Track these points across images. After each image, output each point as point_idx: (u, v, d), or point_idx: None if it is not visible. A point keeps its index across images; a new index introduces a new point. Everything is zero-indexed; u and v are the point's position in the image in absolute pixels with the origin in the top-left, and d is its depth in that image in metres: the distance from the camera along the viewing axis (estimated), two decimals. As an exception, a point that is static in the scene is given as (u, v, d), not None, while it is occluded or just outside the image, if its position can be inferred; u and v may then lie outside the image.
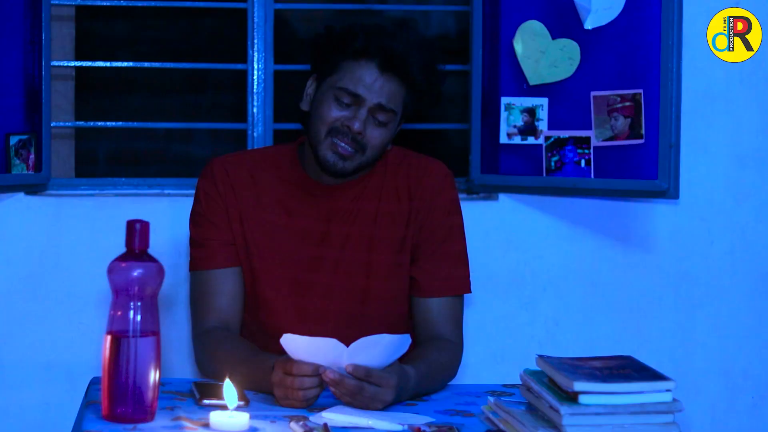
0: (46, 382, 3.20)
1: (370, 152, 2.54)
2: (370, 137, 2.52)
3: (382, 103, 2.51)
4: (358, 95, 2.50)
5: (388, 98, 2.51)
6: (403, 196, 2.63)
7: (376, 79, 2.51)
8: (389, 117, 2.52)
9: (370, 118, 2.51)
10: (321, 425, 2.11)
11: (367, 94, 2.50)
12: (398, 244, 2.62)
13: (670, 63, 3.10)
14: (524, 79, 3.23)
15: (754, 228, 3.35)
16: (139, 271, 2.11)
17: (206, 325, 2.60)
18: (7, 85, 3.09)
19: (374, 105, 2.50)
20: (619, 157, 3.16)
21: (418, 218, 2.62)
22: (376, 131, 2.52)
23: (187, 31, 5.29)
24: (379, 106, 2.51)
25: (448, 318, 2.63)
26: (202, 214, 2.62)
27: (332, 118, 2.51)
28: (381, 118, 2.52)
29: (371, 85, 2.50)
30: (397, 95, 2.52)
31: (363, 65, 2.51)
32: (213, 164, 2.65)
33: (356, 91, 2.50)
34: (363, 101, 2.50)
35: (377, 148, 2.54)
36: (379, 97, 2.50)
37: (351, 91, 2.50)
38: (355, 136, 2.50)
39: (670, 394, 2.03)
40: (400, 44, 2.51)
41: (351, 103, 2.51)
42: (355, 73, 2.51)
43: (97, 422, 2.12)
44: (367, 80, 2.51)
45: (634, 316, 3.36)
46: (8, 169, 3.10)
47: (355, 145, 2.51)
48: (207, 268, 2.62)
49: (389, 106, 2.51)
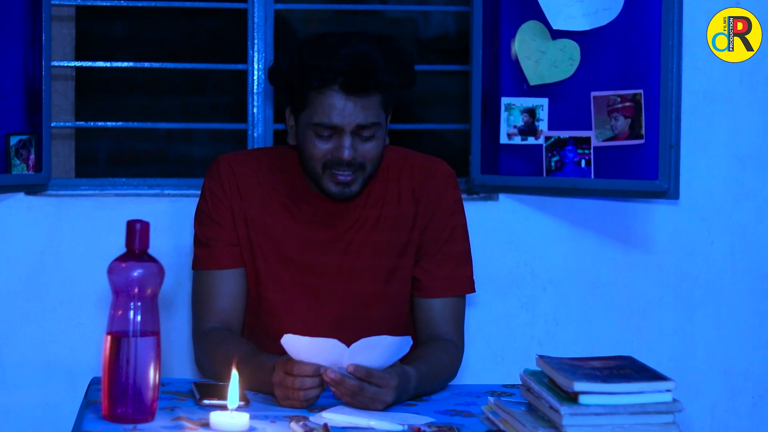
0: (46, 382, 3.20)
1: (370, 166, 2.53)
2: (364, 154, 2.50)
3: (360, 123, 2.48)
4: (335, 126, 2.47)
5: (365, 115, 2.48)
6: (407, 200, 2.62)
7: (345, 102, 2.47)
8: (374, 129, 2.50)
9: (355, 138, 2.49)
10: (321, 425, 2.11)
11: (342, 121, 2.47)
12: (402, 247, 2.61)
13: (670, 63, 3.10)
14: (524, 80, 3.23)
15: (754, 228, 3.35)
16: (139, 272, 2.11)
17: (207, 326, 2.60)
18: (7, 85, 3.08)
19: (354, 128, 2.48)
20: (619, 158, 3.16)
21: (423, 220, 2.62)
22: (368, 145, 2.51)
23: (187, 31, 5.29)
24: (358, 127, 2.48)
25: (450, 318, 2.63)
26: (207, 214, 2.62)
27: (321, 155, 2.49)
28: (366, 134, 2.49)
29: (343, 111, 2.47)
30: (372, 106, 2.49)
31: (328, 94, 2.47)
32: (219, 163, 2.65)
33: (331, 123, 2.47)
34: (342, 129, 2.48)
35: (375, 160, 2.53)
36: (356, 119, 2.47)
37: (326, 124, 2.47)
38: (349, 161, 2.49)
39: (670, 395, 2.03)
40: (354, 60, 2.46)
41: (332, 134, 2.48)
42: (324, 105, 2.47)
43: (97, 422, 2.12)
44: (338, 107, 2.47)
45: (634, 316, 3.35)
46: (8, 170, 3.10)
47: (353, 168, 2.50)
48: (210, 268, 2.61)
49: (369, 122, 2.48)
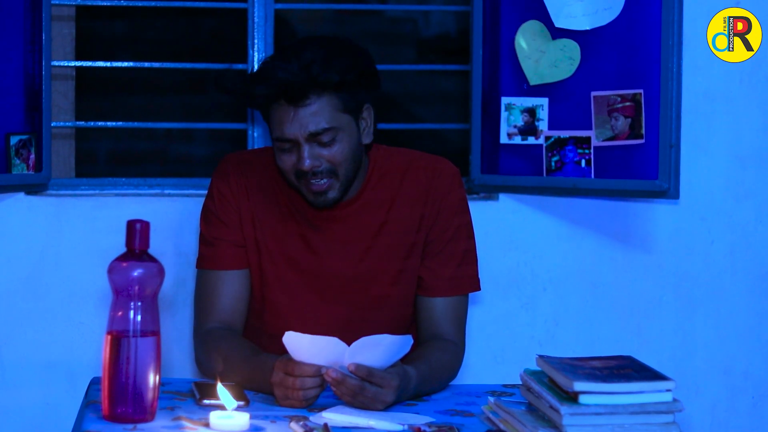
0: (46, 382, 3.20)
1: (342, 169, 2.48)
2: (330, 159, 2.46)
3: (311, 131, 2.44)
4: (288, 139, 2.45)
5: (316, 122, 2.44)
6: (414, 202, 2.61)
7: (294, 114, 2.44)
8: (330, 134, 2.45)
9: (314, 146, 2.45)
10: (321, 425, 2.11)
11: (293, 133, 2.44)
12: (407, 250, 2.61)
13: (670, 63, 3.10)
14: (524, 79, 3.23)
15: (754, 228, 3.35)
16: (139, 271, 2.11)
17: (208, 325, 2.60)
18: (7, 85, 3.08)
19: (307, 136, 2.45)
20: (619, 157, 3.16)
21: (429, 220, 2.61)
22: (332, 150, 2.46)
23: (187, 31, 5.29)
24: (311, 135, 2.45)
25: (452, 318, 2.62)
26: (214, 212, 2.62)
27: (289, 167, 2.48)
28: (325, 139, 2.45)
29: (292, 123, 2.44)
30: (322, 112, 2.45)
31: (276, 108, 2.46)
32: (228, 162, 2.64)
33: (284, 136, 2.45)
34: (296, 140, 2.45)
35: (346, 162, 2.48)
36: (305, 128, 2.44)
37: (281, 138, 2.46)
38: (315, 171, 2.46)
39: (670, 394, 2.03)
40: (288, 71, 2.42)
41: (291, 146, 2.47)
42: (276, 119, 2.47)
43: (97, 422, 2.12)
44: (287, 119, 2.44)
45: (634, 316, 3.35)
46: (8, 169, 3.10)
47: (324, 176, 2.47)
48: (214, 268, 2.61)
49: (320, 128, 2.44)
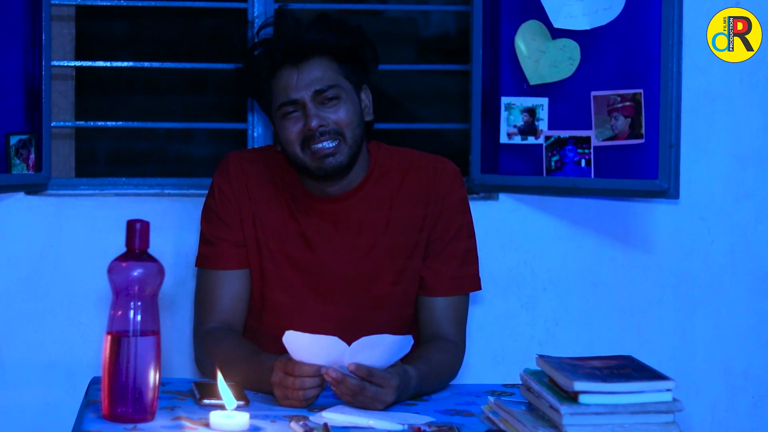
0: (46, 382, 3.20)
1: (348, 132, 2.53)
2: (336, 120, 2.52)
3: (315, 89, 2.52)
4: (294, 100, 2.52)
5: (319, 80, 2.52)
6: (416, 201, 2.61)
7: (297, 75, 2.52)
8: (335, 91, 2.53)
9: (319, 107, 2.52)
10: (321, 425, 2.11)
11: (298, 93, 2.52)
12: (410, 250, 2.61)
13: (670, 63, 3.10)
14: (524, 79, 3.23)
15: (754, 228, 3.35)
16: (139, 271, 2.11)
17: (208, 325, 2.60)
18: (7, 85, 3.08)
19: (312, 95, 2.51)
20: (619, 157, 3.16)
21: (431, 220, 2.61)
22: (339, 112, 2.53)
23: (187, 31, 5.28)
24: (316, 93, 2.52)
25: (452, 318, 2.62)
26: (215, 211, 2.62)
27: (295, 136, 2.52)
28: (329, 95, 2.53)
29: (297, 84, 2.52)
30: (326, 71, 2.54)
31: (280, 75, 2.54)
32: (230, 160, 2.65)
33: (289, 98, 2.52)
34: (302, 101, 2.52)
35: (352, 125, 2.54)
36: (310, 87, 2.52)
37: (287, 101, 2.52)
38: (322, 130, 2.51)
39: (670, 394, 2.03)
40: (286, 32, 2.54)
41: (296, 111, 2.52)
42: (280, 85, 2.53)
43: (97, 422, 2.12)
44: (292, 81, 2.52)
45: (634, 316, 3.35)
46: (8, 169, 3.10)
47: (331, 137, 2.52)
48: (214, 267, 2.61)
49: (325, 85, 2.52)
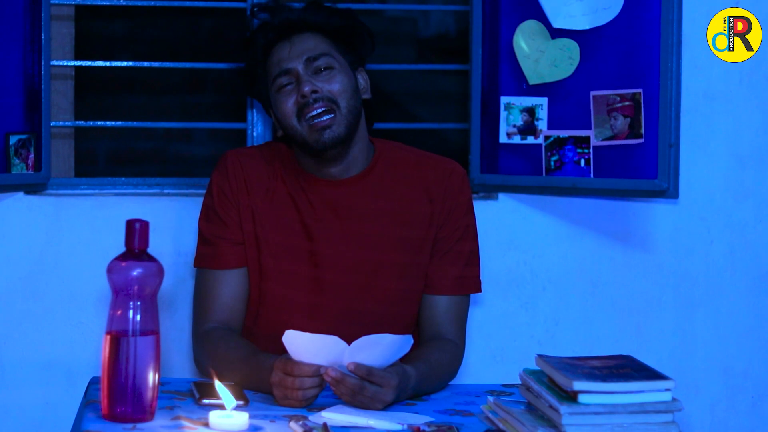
0: (46, 382, 3.20)
1: (343, 101, 2.56)
2: (331, 88, 2.57)
3: (308, 57, 2.58)
4: (288, 69, 2.58)
5: (311, 49, 2.59)
6: (420, 197, 2.62)
7: (290, 48, 2.59)
8: (328, 61, 2.58)
9: (313, 76, 2.57)
10: (321, 425, 2.11)
11: (291, 63, 2.58)
12: (418, 244, 2.61)
13: (670, 63, 3.10)
14: (524, 79, 3.23)
15: (754, 228, 3.35)
16: (138, 271, 2.11)
17: (207, 325, 2.60)
18: (7, 85, 3.08)
19: (304, 63, 2.57)
20: (618, 157, 3.16)
21: (439, 218, 2.62)
22: (333, 79, 2.57)
23: (187, 31, 5.29)
24: (308, 60, 2.57)
25: (453, 318, 2.63)
26: (214, 210, 2.62)
27: (291, 107, 2.57)
28: (321, 63, 2.58)
29: (290, 55, 2.58)
30: (318, 44, 2.60)
31: (275, 51, 2.60)
32: (227, 157, 2.66)
33: (283, 68, 2.58)
34: (294, 70, 2.58)
35: (346, 94, 2.57)
36: (302, 55, 2.58)
37: (281, 72, 2.58)
38: (315, 96, 2.54)
39: (669, 394, 2.03)
40: (283, 12, 2.62)
41: (290, 82, 2.57)
42: (275, 59, 2.60)
43: (96, 422, 2.12)
44: (285, 55, 2.59)
45: (633, 315, 3.35)
46: (8, 169, 3.10)
47: (324, 105, 2.55)
48: (213, 267, 2.62)
49: (317, 53, 2.58)
